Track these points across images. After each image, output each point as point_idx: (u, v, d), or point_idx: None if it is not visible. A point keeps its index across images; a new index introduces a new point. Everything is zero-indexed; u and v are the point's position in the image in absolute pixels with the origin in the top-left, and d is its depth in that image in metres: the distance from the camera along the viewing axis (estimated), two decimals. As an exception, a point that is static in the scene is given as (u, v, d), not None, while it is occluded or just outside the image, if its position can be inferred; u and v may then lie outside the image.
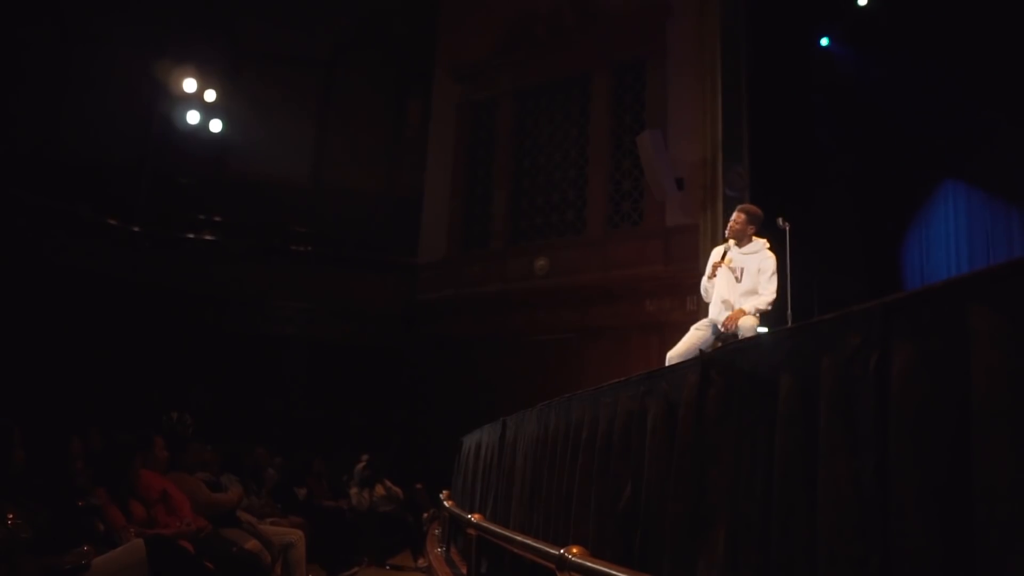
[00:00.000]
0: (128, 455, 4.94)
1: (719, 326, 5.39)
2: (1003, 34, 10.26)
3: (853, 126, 12.40)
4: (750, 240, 5.55)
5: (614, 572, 2.41)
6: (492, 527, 4.32)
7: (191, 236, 13.24)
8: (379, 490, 9.11)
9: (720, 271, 5.51)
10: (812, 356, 1.80)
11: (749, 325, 5.20)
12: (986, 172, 11.08)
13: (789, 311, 5.88)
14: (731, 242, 5.59)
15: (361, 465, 9.31)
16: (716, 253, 5.67)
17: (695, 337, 5.50)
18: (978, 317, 1.36)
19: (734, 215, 5.65)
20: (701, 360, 2.37)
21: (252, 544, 5.51)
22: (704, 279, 5.66)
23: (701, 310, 5.87)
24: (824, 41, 11.97)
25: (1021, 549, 1.21)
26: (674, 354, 5.49)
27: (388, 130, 14.86)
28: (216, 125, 12.53)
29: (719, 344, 5.12)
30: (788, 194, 10.02)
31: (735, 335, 5.13)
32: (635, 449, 2.75)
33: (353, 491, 9.21)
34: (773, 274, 5.38)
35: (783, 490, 1.81)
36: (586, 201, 12.05)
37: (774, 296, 5.33)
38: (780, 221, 6.20)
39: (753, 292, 5.36)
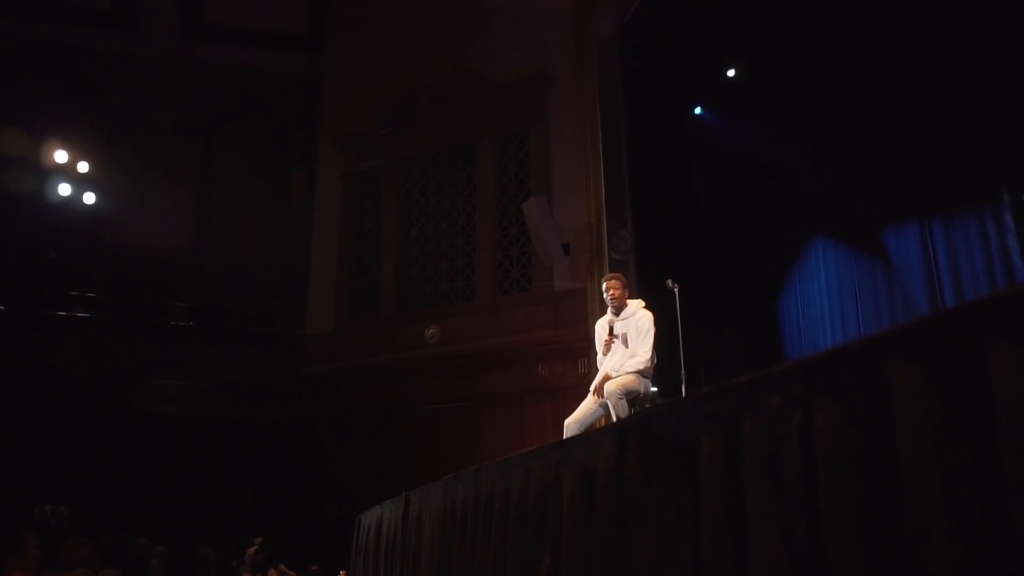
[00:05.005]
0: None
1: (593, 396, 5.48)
2: (860, 102, 11.01)
3: (729, 187, 12.96)
4: (626, 304, 5.66)
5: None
6: (400, 608, 4.17)
7: (63, 313, 12.57)
8: (272, 575, 8.70)
9: (613, 346, 5.55)
10: (732, 418, 1.82)
11: (611, 390, 5.28)
12: (850, 230, 11.71)
13: (683, 371, 5.99)
14: (610, 312, 5.67)
15: (254, 549, 8.88)
16: (602, 327, 5.71)
17: (591, 402, 5.54)
18: (898, 373, 1.40)
19: (611, 284, 5.70)
20: (618, 426, 2.37)
21: (138, 643, 5.17)
22: (600, 355, 5.70)
23: (593, 373, 5.89)
24: (698, 109, 12.55)
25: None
26: (572, 420, 5.53)
27: (272, 200, 14.63)
28: (89, 197, 12.04)
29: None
30: (672, 256, 10.36)
31: (650, 399, 5.22)
32: (552, 520, 2.70)
33: (244, 577, 8.78)
34: (648, 331, 5.46)
35: (712, 554, 1.80)
36: (475, 268, 12.07)
37: (649, 354, 5.40)
38: (669, 283, 6.34)
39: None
